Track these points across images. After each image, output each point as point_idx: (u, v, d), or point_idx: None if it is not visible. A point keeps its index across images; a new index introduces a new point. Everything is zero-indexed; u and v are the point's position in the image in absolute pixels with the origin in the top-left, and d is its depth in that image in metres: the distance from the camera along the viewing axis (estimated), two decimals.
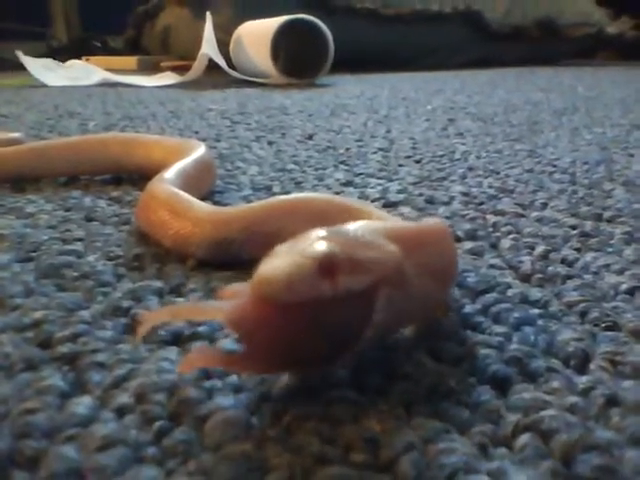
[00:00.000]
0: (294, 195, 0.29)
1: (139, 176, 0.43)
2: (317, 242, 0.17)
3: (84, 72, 1.39)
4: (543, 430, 0.16)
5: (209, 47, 1.25)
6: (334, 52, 1.26)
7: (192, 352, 0.19)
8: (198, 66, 1.28)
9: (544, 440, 0.15)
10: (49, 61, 1.44)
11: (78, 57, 1.67)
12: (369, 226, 0.20)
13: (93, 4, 2.66)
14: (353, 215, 0.27)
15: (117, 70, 1.49)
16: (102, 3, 2.58)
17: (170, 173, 0.32)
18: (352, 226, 0.19)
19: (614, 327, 0.21)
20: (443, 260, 0.23)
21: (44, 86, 1.26)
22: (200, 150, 0.38)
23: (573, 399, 0.17)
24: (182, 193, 0.29)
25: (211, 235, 0.27)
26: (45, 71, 1.35)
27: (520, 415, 0.16)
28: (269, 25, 1.25)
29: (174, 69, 1.54)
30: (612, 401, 0.17)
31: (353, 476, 0.14)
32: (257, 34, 1.30)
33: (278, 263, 0.16)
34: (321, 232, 0.18)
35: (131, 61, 1.85)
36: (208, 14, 1.31)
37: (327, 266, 0.16)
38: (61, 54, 1.70)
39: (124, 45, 2.16)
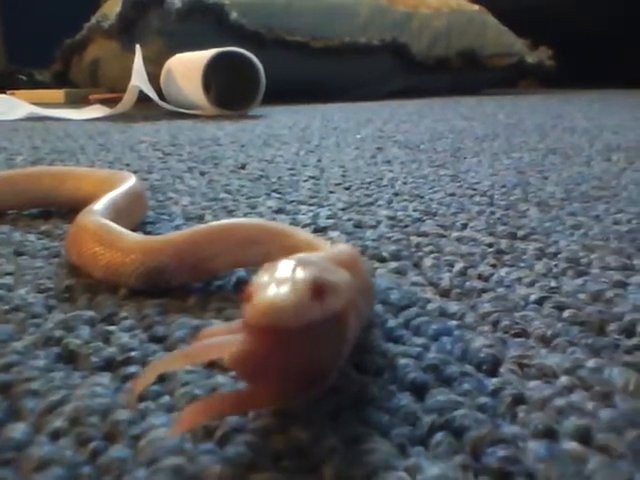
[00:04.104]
0: (224, 221, 0.30)
1: (68, 209, 0.43)
2: (300, 269, 0.17)
3: (9, 106, 1.36)
4: (455, 428, 0.17)
5: (139, 79, 1.25)
6: (266, 84, 1.28)
7: (188, 408, 0.16)
8: (128, 98, 1.28)
9: (456, 437, 0.17)
10: None
11: (3, 91, 1.63)
12: (315, 255, 0.21)
13: (18, 37, 2.61)
14: (284, 239, 0.29)
15: (44, 104, 1.46)
16: (28, 36, 2.54)
17: (99, 205, 0.33)
18: (302, 256, 0.20)
19: (523, 334, 0.23)
20: (367, 281, 0.25)
21: None
22: (130, 181, 0.38)
23: (483, 399, 0.19)
24: (111, 224, 0.30)
25: (142, 264, 0.27)
26: None
27: (435, 416, 0.18)
28: (200, 57, 1.26)
29: (103, 102, 1.53)
30: (519, 399, 0.19)
31: None
32: (188, 66, 1.31)
33: (275, 292, 0.16)
34: (293, 261, 0.18)
35: (58, 94, 1.83)
36: (137, 46, 1.31)
37: (318, 290, 0.17)
38: None
39: (51, 78, 2.12)
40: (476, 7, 2.20)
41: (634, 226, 0.39)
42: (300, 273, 0.17)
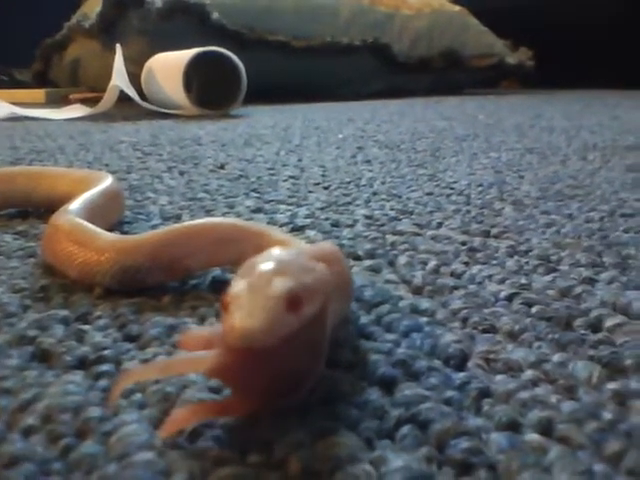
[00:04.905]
0: (200, 220, 0.30)
1: (45, 209, 0.43)
2: (275, 278, 0.17)
3: None
4: (421, 421, 0.18)
5: (120, 78, 1.25)
6: (247, 83, 1.28)
7: (174, 412, 0.17)
8: (109, 98, 1.27)
9: (422, 430, 0.17)
10: None
11: None
12: (293, 250, 0.21)
13: None
14: (259, 239, 0.29)
15: (24, 104, 1.45)
16: (8, 35, 2.51)
17: (75, 204, 0.33)
18: (280, 252, 0.19)
19: (491, 329, 0.24)
20: (344, 278, 0.25)
21: None
22: (107, 181, 0.39)
23: (450, 393, 0.19)
24: (86, 223, 0.30)
25: (117, 263, 0.27)
26: None
27: (402, 410, 0.18)
28: (181, 57, 1.26)
29: (83, 101, 1.52)
30: (484, 393, 0.19)
31: (248, 474, 0.16)
32: (169, 66, 1.31)
33: (249, 311, 0.16)
34: (268, 264, 0.18)
35: (39, 94, 1.81)
36: (118, 46, 1.30)
37: (293, 301, 0.17)
38: None
39: (31, 78, 2.10)
40: (457, 8, 2.21)
41: (605, 224, 0.40)
42: (276, 283, 0.17)
